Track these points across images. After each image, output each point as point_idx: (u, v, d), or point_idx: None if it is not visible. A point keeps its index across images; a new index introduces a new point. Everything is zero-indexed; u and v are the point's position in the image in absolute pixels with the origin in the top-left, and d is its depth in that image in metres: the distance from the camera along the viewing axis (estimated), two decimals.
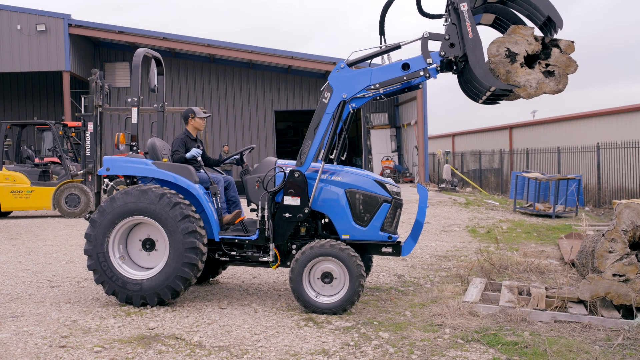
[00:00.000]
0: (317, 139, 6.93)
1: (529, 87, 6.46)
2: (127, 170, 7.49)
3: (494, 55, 6.47)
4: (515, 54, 6.45)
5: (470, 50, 6.47)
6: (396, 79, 6.79)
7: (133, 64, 7.71)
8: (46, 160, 20.21)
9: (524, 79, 6.45)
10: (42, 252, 11.52)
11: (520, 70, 6.45)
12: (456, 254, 10.65)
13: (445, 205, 19.00)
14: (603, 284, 6.32)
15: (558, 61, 6.45)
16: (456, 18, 6.54)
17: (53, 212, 18.65)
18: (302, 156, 6.99)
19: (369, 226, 7.01)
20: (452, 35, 6.60)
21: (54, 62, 26.78)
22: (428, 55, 6.70)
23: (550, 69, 6.46)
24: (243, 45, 28.63)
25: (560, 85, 6.47)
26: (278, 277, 8.82)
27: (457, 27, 6.55)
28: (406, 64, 6.76)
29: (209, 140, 29.86)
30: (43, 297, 7.77)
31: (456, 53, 6.63)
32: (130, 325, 6.39)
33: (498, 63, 6.46)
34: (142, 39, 28.14)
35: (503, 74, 6.46)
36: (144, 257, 7.35)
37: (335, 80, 6.91)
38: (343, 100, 6.87)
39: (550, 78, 6.45)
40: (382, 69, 6.85)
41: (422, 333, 5.98)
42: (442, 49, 6.66)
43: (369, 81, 6.83)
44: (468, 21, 6.46)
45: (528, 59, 6.51)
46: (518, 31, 6.50)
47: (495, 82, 6.43)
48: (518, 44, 6.46)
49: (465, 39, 6.48)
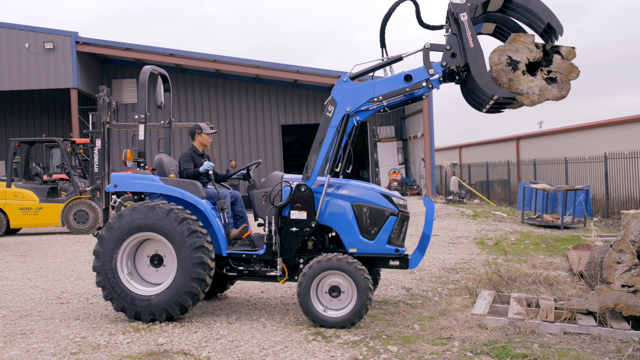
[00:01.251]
0: (322, 152, 6.96)
1: (531, 94, 6.48)
2: (135, 186, 7.53)
3: (495, 63, 6.49)
4: (516, 61, 6.47)
5: (472, 59, 6.50)
6: (399, 90, 6.83)
7: (140, 81, 7.77)
8: (54, 177, 20.33)
9: (527, 87, 6.47)
10: (51, 268, 11.56)
11: (523, 77, 6.47)
12: (464, 266, 10.63)
13: (453, 218, 18.96)
14: (612, 295, 6.29)
15: (560, 67, 6.47)
16: (457, 28, 6.57)
17: (62, 228, 18.71)
18: (308, 170, 7.01)
19: (376, 239, 7.01)
20: (453, 45, 6.63)
21: (62, 80, 26.97)
22: (430, 66, 6.73)
23: (552, 75, 6.47)
24: (249, 60, 28.77)
25: (563, 92, 6.48)
26: (286, 291, 8.82)
27: (458, 37, 6.59)
28: (408, 76, 6.80)
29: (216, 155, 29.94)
30: (52, 314, 7.79)
31: (458, 63, 6.65)
32: (139, 341, 6.40)
33: (500, 71, 6.49)
34: (149, 55, 28.31)
35: (505, 82, 6.48)
36: (152, 273, 7.37)
37: (338, 93, 6.94)
38: (347, 113, 6.90)
39: (553, 84, 6.47)
40: (384, 81, 6.88)
41: (431, 346, 5.97)
42: (443, 59, 6.69)
43: (372, 93, 6.86)
44: (468, 31, 6.49)
45: (530, 66, 6.52)
46: (519, 39, 6.52)
47: (498, 90, 6.45)
48: (519, 51, 6.48)
49: (466, 49, 6.51)
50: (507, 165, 28.37)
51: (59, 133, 31.19)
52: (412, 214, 8.44)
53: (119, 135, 30.05)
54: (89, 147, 17.66)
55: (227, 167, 27.76)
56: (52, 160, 22.59)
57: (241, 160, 30.50)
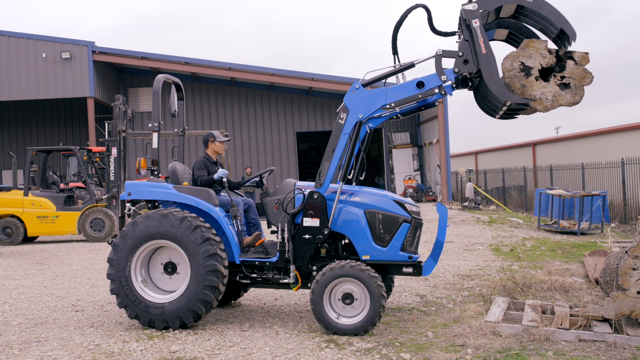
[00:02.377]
0: (335, 160, 6.95)
1: (545, 100, 6.45)
2: (149, 194, 7.57)
3: (508, 70, 6.47)
4: (529, 67, 6.45)
5: (484, 66, 6.48)
6: (411, 97, 6.82)
7: (153, 89, 7.83)
8: (71, 185, 20.52)
9: (540, 92, 6.44)
10: (67, 276, 11.64)
11: (536, 83, 6.44)
12: (479, 273, 10.57)
13: (468, 224, 18.87)
14: (628, 302, 6.22)
15: (573, 73, 6.43)
16: (469, 34, 6.56)
17: (78, 236, 18.86)
18: (321, 177, 7.01)
19: (389, 246, 6.99)
20: (465, 51, 6.62)
21: (79, 89, 27.23)
22: (442, 73, 6.72)
23: (565, 81, 6.44)
24: (264, 68, 28.89)
25: (577, 97, 6.44)
26: (300, 298, 8.82)
27: (470, 44, 6.57)
28: (421, 82, 6.78)
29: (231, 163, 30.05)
30: (67, 322, 7.84)
31: (470, 69, 6.63)
32: (152, 349, 6.42)
33: (513, 77, 6.46)
34: (165, 64, 28.52)
35: (518, 88, 6.45)
36: (166, 281, 7.40)
37: (350, 100, 6.95)
38: (359, 120, 6.90)
39: (566, 90, 6.43)
40: (397, 88, 6.88)
41: (444, 354, 5.93)
42: (456, 65, 6.67)
43: (385, 100, 6.86)
44: (480, 37, 6.46)
45: (543, 72, 6.50)
46: (532, 45, 6.49)
47: (511, 96, 6.42)
48: (532, 57, 6.46)
49: (478, 55, 6.49)
50: (523, 171, 28.21)
51: (76, 142, 31.49)
52: (427, 221, 8.42)
53: (135, 143, 30.26)
54: (105, 155, 17.81)
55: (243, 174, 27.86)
56: (68, 168, 22.80)
57: (257, 167, 30.59)
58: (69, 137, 32.67)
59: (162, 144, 8.02)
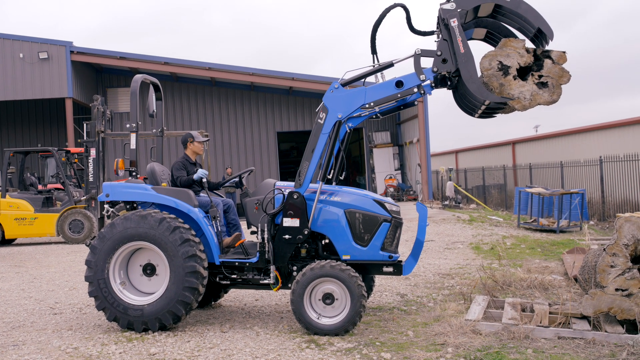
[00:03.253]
0: (314, 160, 6.94)
1: (523, 99, 6.48)
2: (127, 195, 7.51)
3: (486, 69, 6.50)
4: (507, 66, 6.48)
5: (463, 65, 6.49)
6: (391, 96, 6.81)
7: (131, 90, 7.76)
8: (49, 186, 20.26)
9: (518, 91, 6.47)
10: (45, 279, 11.52)
11: (514, 82, 6.48)
12: (459, 271, 10.61)
13: (448, 223, 18.94)
14: (606, 299, 6.27)
15: (551, 72, 6.47)
16: (447, 34, 6.57)
17: (57, 238, 18.65)
18: (301, 177, 6.99)
19: (369, 246, 6.99)
20: (444, 51, 6.63)
21: (57, 89, 26.94)
22: (421, 72, 6.72)
23: (543, 80, 6.48)
24: (244, 67, 28.79)
25: (554, 96, 6.48)
26: (280, 299, 8.79)
27: (449, 43, 6.58)
28: (400, 82, 6.78)
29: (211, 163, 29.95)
30: (45, 325, 7.75)
31: (449, 68, 6.65)
32: (131, 351, 6.36)
33: (491, 76, 6.49)
34: (144, 64, 28.32)
35: (497, 87, 6.48)
36: (145, 282, 7.33)
37: (329, 100, 6.93)
38: (338, 120, 6.88)
39: (544, 89, 6.47)
40: (376, 88, 6.87)
41: (425, 353, 5.94)
42: (434, 65, 6.68)
43: (364, 100, 6.85)
44: (459, 36, 6.48)
45: (521, 71, 6.53)
46: (509, 44, 6.52)
47: (489, 95, 6.44)
48: (510, 56, 6.49)
49: (457, 54, 6.51)
50: (503, 170, 28.39)
51: (54, 143, 31.16)
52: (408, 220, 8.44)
53: (115, 144, 30.02)
54: (83, 156, 17.61)
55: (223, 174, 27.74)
56: (47, 170, 22.53)
57: (237, 167, 30.47)
58: (47, 138, 32.32)
59: (140, 144, 7.96)
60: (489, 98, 6.46)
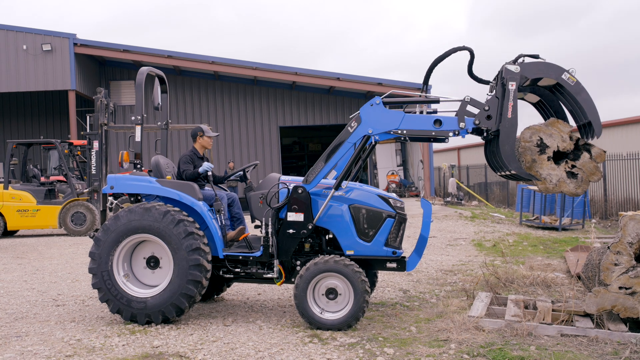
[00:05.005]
0: (331, 163, 6.95)
1: (548, 182, 6.47)
2: (131, 188, 7.51)
3: (526, 140, 6.49)
4: (546, 145, 6.47)
5: (505, 129, 6.47)
6: (425, 132, 6.79)
7: (136, 82, 7.75)
8: (52, 178, 20.29)
9: (547, 173, 6.46)
10: (47, 270, 11.53)
11: (546, 163, 6.46)
12: (462, 268, 10.61)
13: (451, 219, 18.95)
14: (609, 297, 6.27)
15: (585, 166, 6.47)
16: (501, 93, 6.52)
17: (59, 230, 18.68)
18: (311, 175, 6.99)
19: (373, 241, 7.00)
20: (492, 107, 6.58)
21: (60, 81, 26.93)
22: (463, 120, 6.68)
23: (574, 170, 6.47)
24: (247, 62, 28.75)
25: (579, 190, 6.48)
26: (283, 293, 8.80)
27: (499, 102, 6.53)
28: (439, 121, 6.74)
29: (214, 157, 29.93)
30: (48, 316, 7.76)
31: (490, 126, 6.61)
32: (134, 344, 6.37)
33: (527, 149, 6.47)
34: (147, 57, 28.29)
35: (528, 161, 6.47)
36: (149, 275, 7.34)
37: (366, 113, 6.87)
38: (367, 134, 6.86)
39: (572, 180, 6.46)
40: (414, 118, 6.82)
41: (428, 349, 5.95)
42: (478, 117, 6.64)
43: (398, 125, 6.79)
44: (511, 101, 6.44)
45: (557, 154, 6.52)
46: (556, 125, 6.53)
47: (519, 167, 6.45)
48: (552, 137, 6.48)
49: (503, 116, 6.48)
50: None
51: (57, 135, 31.15)
52: (410, 216, 8.44)
53: (117, 137, 30.01)
54: (86, 148, 17.60)
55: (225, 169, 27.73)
56: (49, 162, 22.54)
57: (239, 162, 30.46)
58: (50, 130, 32.31)
59: (144, 137, 7.95)
60: (517, 170, 6.48)
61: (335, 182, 6.93)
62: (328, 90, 31.22)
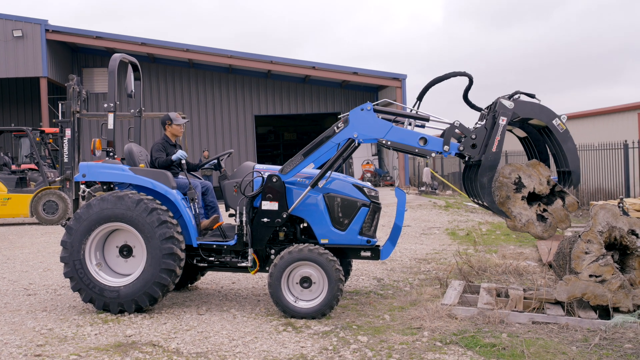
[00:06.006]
0: (310, 158, 6.94)
1: (517, 221, 6.53)
2: (104, 176, 7.43)
3: (504, 176, 6.54)
4: (523, 185, 6.53)
5: (486, 161, 6.50)
6: (409, 147, 6.80)
7: (109, 69, 7.66)
8: (23, 167, 20.01)
9: (518, 211, 6.52)
10: (18, 260, 11.39)
11: (520, 202, 6.52)
12: (435, 256, 10.69)
13: (425, 208, 19.06)
14: (580, 285, 6.36)
15: (556, 212, 6.53)
16: (491, 125, 6.55)
17: (31, 219, 18.43)
18: (288, 167, 6.97)
19: (348, 230, 7.01)
20: (478, 137, 6.61)
21: (31, 68, 26.53)
22: (448, 143, 6.71)
23: (545, 215, 6.53)
24: (222, 50, 28.55)
25: (545, 234, 6.55)
26: (257, 282, 8.79)
27: (487, 134, 6.56)
28: (424, 139, 6.76)
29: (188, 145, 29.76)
30: (19, 306, 7.67)
31: (473, 155, 6.65)
32: (107, 333, 6.33)
33: (504, 185, 6.53)
34: (120, 44, 27.97)
35: (503, 196, 6.53)
36: (121, 264, 7.28)
37: (355, 117, 6.84)
38: (353, 138, 6.85)
39: (540, 223, 6.53)
40: (401, 132, 6.83)
41: (401, 336, 5.99)
42: (463, 144, 6.67)
43: (384, 135, 6.78)
44: (499, 135, 6.47)
45: (531, 195, 6.58)
46: (537, 167, 6.59)
47: (491, 202, 6.51)
48: (531, 178, 6.54)
49: (487, 148, 6.51)
50: None
51: (28, 122, 30.68)
52: (385, 205, 8.47)
53: (90, 125, 29.70)
54: (58, 136, 17.36)
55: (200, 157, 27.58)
56: (20, 150, 22.22)
57: (214, 150, 30.31)
58: (21, 117, 31.85)
59: (117, 125, 7.87)
60: (489, 204, 6.54)
61: (312, 181, 6.91)
62: (304, 79, 31.16)
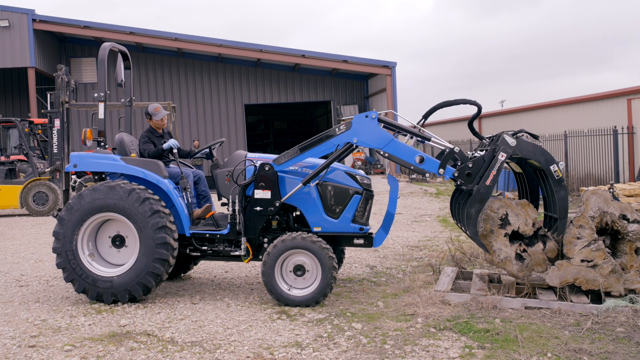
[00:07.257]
0: (306, 154, 6.94)
1: (496, 256, 6.59)
2: (95, 166, 7.40)
3: (492, 210, 6.58)
4: (509, 222, 6.59)
5: (478, 193, 6.50)
6: (405, 162, 6.82)
7: (99, 58, 7.61)
8: (12, 158, 19.87)
9: (498, 247, 6.57)
10: (9, 251, 11.34)
11: (502, 238, 6.57)
12: (428, 243, 10.72)
13: (416, 196, 19.10)
14: (572, 270, 6.40)
15: (535, 255, 6.56)
16: (489, 158, 6.57)
17: (21, 210, 18.36)
18: (283, 158, 6.97)
19: (341, 218, 7.02)
20: (475, 167, 6.61)
21: (19, 58, 26.31)
22: (444, 167, 6.72)
23: (524, 255, 6.56)
24: (211, 38, 28.39)
25: (520, 274, 6.59)
26: (250, 270, 8.79)
27: (484, 166, 6.57)
28: (422, 158, 6.75)
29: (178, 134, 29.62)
30: (11, 297, 7.64)
31: (466, 184, 6.64)
32: (101, 323, 6.32)
33: (490, 218, 6.57)
34: (109, 33, 27.78)
35: (487, 229, 6.57)
36: (114, 254, 7.27)
37: (358, 123, 6.82)
38: (352, 142, 6.84)
39: (518, 262, 6.56)
40: (399, 146, 6.82)
41: (395, 323, 6.01)
42: (458, 171, 6.67)
43: (383, 146, 6.79)
44: (495, 170, 6.48)
45: (514, 233, 6.62)
46: (526, 208, 6.65)
47: (474, 233, 6.52)
48: (518, 217, 6.59)
49: (482, 180, 6.52)
50: (469, 144, 28.64)
51: (17, 113, 30.46)
52: (376, 193, 8.48)
53: (79, 115, 29.52)
54: (47, 127, 17.27)
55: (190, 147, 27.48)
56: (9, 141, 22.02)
57: (204, 140, 30.23)
58: (9, 108, 31.62)
59: (107, 115, 7.82)
60: (472, 235, 6.56)
61: (305, 179, 6.89)
62: (293, 68, 31.07)
